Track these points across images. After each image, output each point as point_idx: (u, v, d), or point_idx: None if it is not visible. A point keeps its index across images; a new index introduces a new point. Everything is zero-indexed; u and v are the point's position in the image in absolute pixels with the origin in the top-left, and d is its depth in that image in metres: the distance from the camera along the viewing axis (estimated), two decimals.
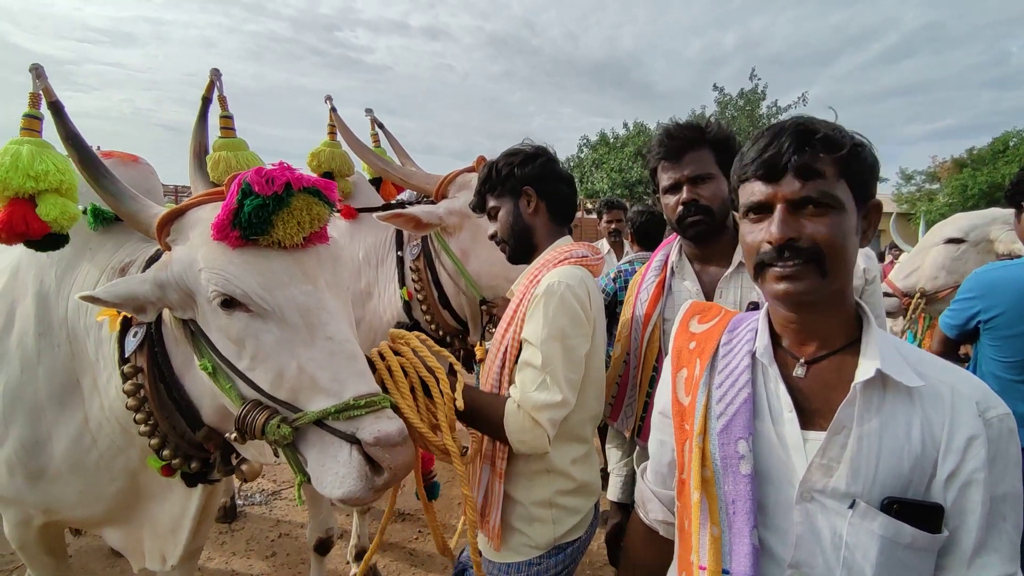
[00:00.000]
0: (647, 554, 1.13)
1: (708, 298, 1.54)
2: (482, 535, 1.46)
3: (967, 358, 2.24)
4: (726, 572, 0.83)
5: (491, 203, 1.54)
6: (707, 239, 1.54)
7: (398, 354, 1.35)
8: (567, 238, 1.53)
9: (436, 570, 2.99)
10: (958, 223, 2.79)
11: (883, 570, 0.78)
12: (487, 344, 1.86)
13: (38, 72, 1.27)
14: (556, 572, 1.41)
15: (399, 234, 2.27)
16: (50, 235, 1.32)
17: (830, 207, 0.83)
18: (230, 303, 1.12)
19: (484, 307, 2.06)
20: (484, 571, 1.45)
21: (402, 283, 2.21)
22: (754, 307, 1.45)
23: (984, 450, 0.77)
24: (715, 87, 22.88)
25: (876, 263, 1.81)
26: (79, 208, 1.37)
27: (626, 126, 24.79)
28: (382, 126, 2.67)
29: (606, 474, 3.76)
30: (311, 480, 1.10)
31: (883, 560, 0.78)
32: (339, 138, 2.35)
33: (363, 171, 2.61)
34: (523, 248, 1.52)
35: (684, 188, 1.51)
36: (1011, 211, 2.32)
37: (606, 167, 21.80)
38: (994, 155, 20.80)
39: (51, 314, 1.46)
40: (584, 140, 25.67)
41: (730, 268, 1.52)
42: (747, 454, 0.83)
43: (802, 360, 0.89)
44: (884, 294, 2.68)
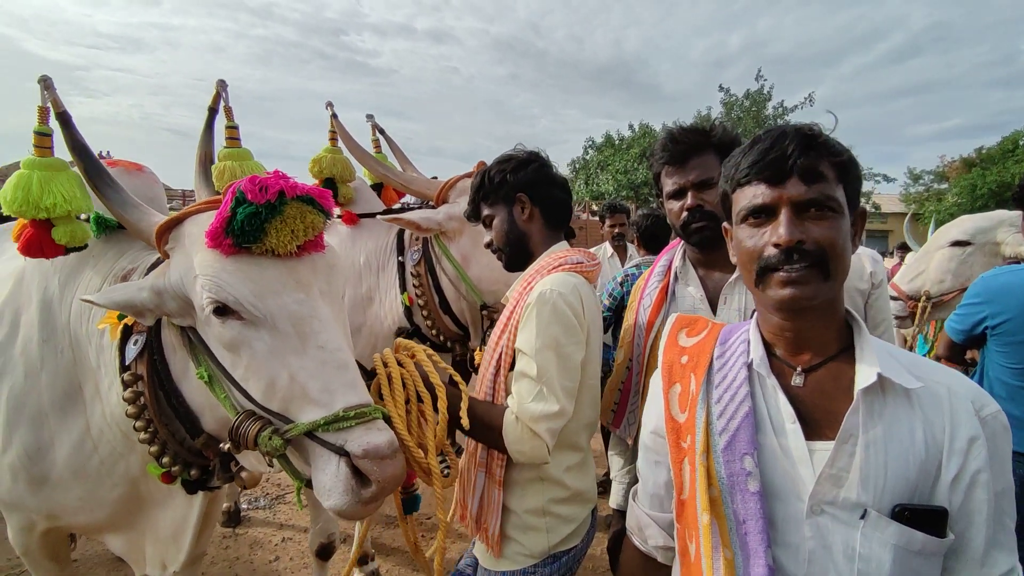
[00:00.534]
0: None
1: (713, 304, 1.53)
2: (481, 543, 1.45)
3: (974, 363, 2.21)
4: None
5: (485, 211, 1.53)
6: (712, 245, 1.53)
7: (401, 364, 1.34)
8: (563, 244, 1.51)
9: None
10: (964, 225, 2.76)
11: None
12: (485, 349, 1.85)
13: (46, 84, 1.28)
14: None
15: (400, 239, 2.27)
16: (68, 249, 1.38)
17: (832, 210, 0.83)
18: (223, 310, 1.12)
19: (485, 312, 2.05)
20: None
21: (403, 288, 2.20)
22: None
23: (984, 450, 0.78)
24: (721, 88, 22.81)
25: (883, 267, 1.79)
26: (82, 217, 1.40)
27: (631, 128, 24.77)
28: (383, 131, 2.68)
29: (609, 481, 3.74)
30: (311, 484, 1.10)
31: (897, 569, 0.76)
32: (340, 144, 2.36)
33: (364, 176, 2.62)
34: (519, 255, 1.52)
35: (688, 193, 1.49)
36: (1018, 213, 2.30)
37: (611, 169, 21.77)
38: (1003, 154, 20.66)
39: (54, 320, 1.47)
40: (589, 142, 25.66)
41: (735, 274, 1.50)
42: (754, 470, 0.81)
43: (799, 369, 0.88)
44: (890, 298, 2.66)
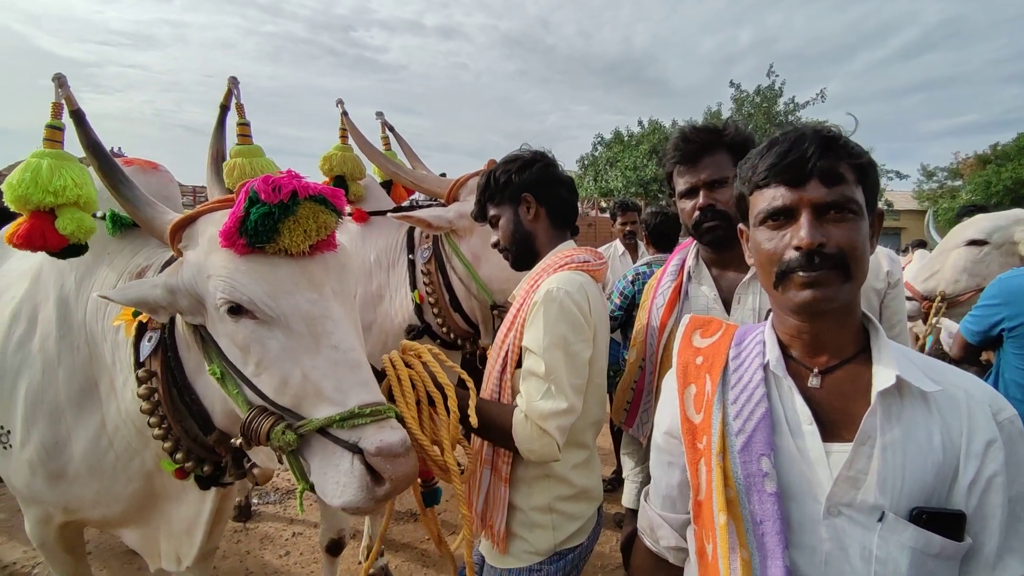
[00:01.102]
0: None
1: (726, 303, 1.52)
2: (487, 541, 1.45)
3: (989, 364, 2.19)
4: None
5: (492, 211, 1.54)
6: (724, 244, 1.52)
7: (409, 366, 1.34)
8: (569, 242, 1.51)
9: (447, 571, 2.99)
10: (980, 224, 2.72)
11: None
12: None
13: (60, 81, 1.29)
14: None
15: (410, 237, 2.27)
16: (69, 246, 1.35)
17: (852, 212, 0.83)
18: (237, 310, 1.13)
19: (495, 311, 2.05)
20: None
21: (413, 286, 2.21)
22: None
23: (1001, 453, 0.77)
24: (731, 84, 22.60)
25: (899, 266, 1.77)
26: (98, 215, 1.40)
27: (641, 124, 24.62)
28: (392, 129, 2.68)
29: (616, 479, 3.74)
30: (314, 488, 1.10)
31: (914, 572, 0.76)
32: (350, 141, 2.36)
33: (374, 174, 2.62)
34: (525, 255, 1.52)
35: (701, 192, 1.48)
36: None
37: (621, 165, 21.67)
38: (1019, 151, 20.36)
39: (71, 317, 1.49)
40: (599, 138, 25.54)
41: (749, 273, 1.49)
42: (771, 471, 0.81)
43: (816, 370, 0.87)
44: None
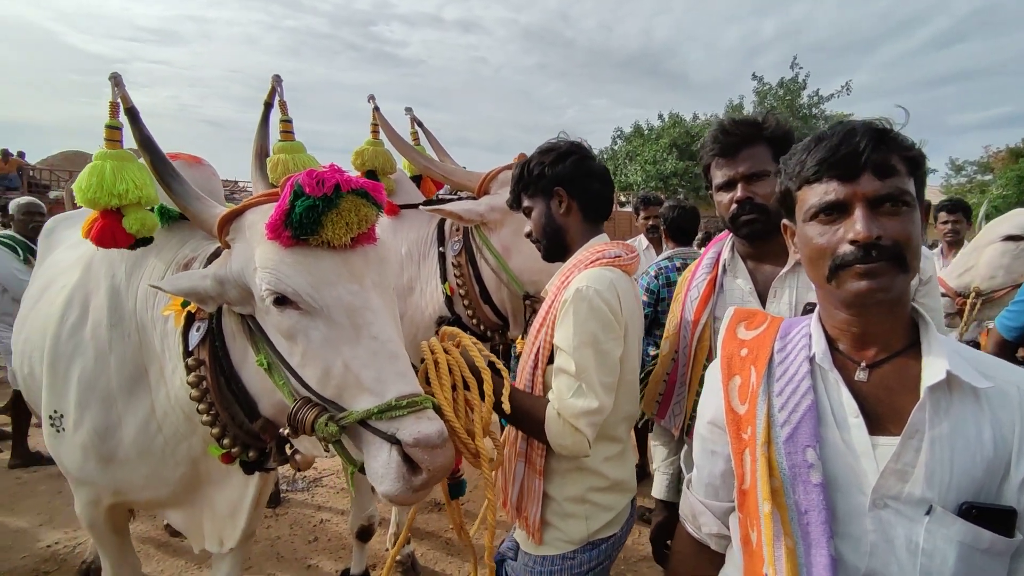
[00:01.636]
0: (697, 569, 1.10)
1: (762, 297, 1.52)
2: (521, 530, 1.48)
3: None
4: None
5: (525, 202, 1.55)
6: (761, 237, 1.52)
7: (446, 351, 1.37)
8: (602, 236, 1.52)
9: (471, 560, 3.03)
10: (1016, 219, 2.67)
11: None
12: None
13: (116, 80, 1.33)
14: (590, 567, 1.43)
15: (440, 230, 2.30)
16: (137, 240, 1.44)
17: (906, 204, 0.83)
18: (282, 300, 1.16)
19: (527, 302, 2.07)
20: (521, 563, 1.48)
21: (444, 278, 2.24)
22: (811, 307, 1.42)
23: None
24: (754, 76, 22.40)
25: (932, 262, 1.75)
26: (154, 215, 1.46)
27: (661, 117, 24.45)
28: (421, 124, 2.70)
29: (646, 471, 3.74)
30: (363, 469, 1.13)
31: (961, 567, 0.77)
32: (382, 136, 2.39)
33: (403, 168, 2.66)
34: (557, 248, 1.53)
35: (739, 185, 1.48)
36: None
37: (640, 159, 21.52)
38: None
39: (122, 306, 1.54)
40: (618, 132, 25.41)
41: (786, 267, 1.49)
42: (816, 462, 0.82)
43: (863, 364, 0.88)
44: None
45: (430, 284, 2.29)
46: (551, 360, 1.39)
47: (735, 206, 1.48)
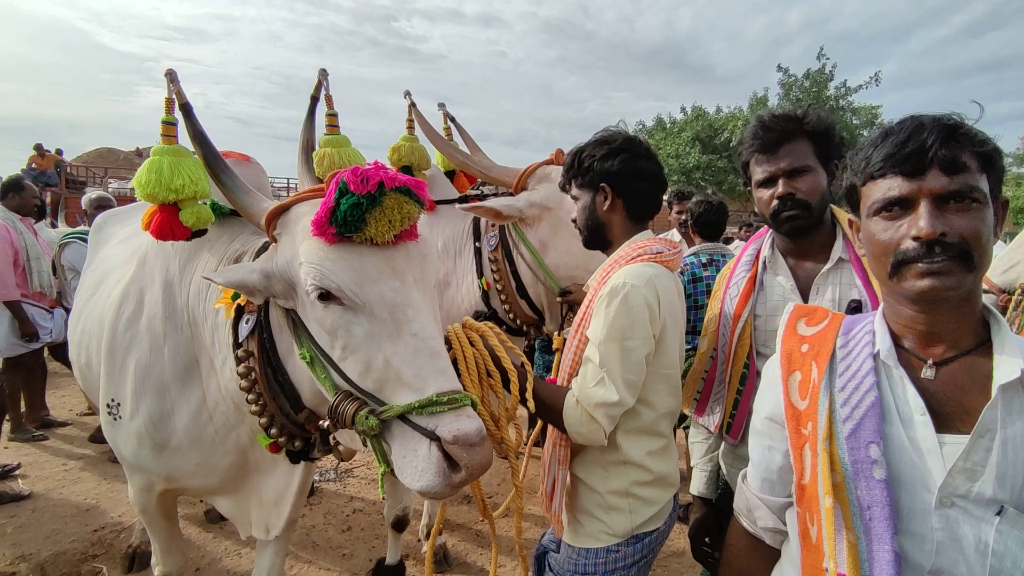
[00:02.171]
0: (752, 563, 1.11)
1: (803, 294, 1.51)
2: (564, 517, 1.50)
3: None
4: None
5: (573, 190, 1.56)
6: (803, 233, 1.50)
7: (471, 343, 1.39)
8: (646, 232, 1.51)
9: (501, 551, 3.07)
10: None
11: None
12: (565, 334, 1.89)
13: (172, 77, 1.37)
14: (634, 560, 1.44)
15: (476, 225, 2.31)
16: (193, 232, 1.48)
17: (976, 201, 0.82)
18: (326, 296, 1.18)
19: (561, 298, 2.08)
20: (564, 555, 1.49)
21: (480, 273, 2.26)
22: (855, 305, 1.41)
23: None
24: (779, 68, 21.86)
25: None
26: (209, 208, 1.50)
27: (683, 110, 24.12)
28: (454, 119, 2.71)
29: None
30: (394, 471, 1.15)
31: None
32: (417, 132, 2.42)
33: (437, 163, 2.67)
34: (597, 240, 1.54)
35: (780, 181, 1.46)
36: None
37: (663, 153, 21.28)
38: None
39: (175, 299, 1.59)
40: (640, 125, 25.14)
41: (828, 264, 1.47)
42: (880, 458, 0.82)
43: (930, 362, 0.87)
44: None
45: (466, 279, 2.31)
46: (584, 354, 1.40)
47: (776, 202, 1.47)
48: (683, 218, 3.96)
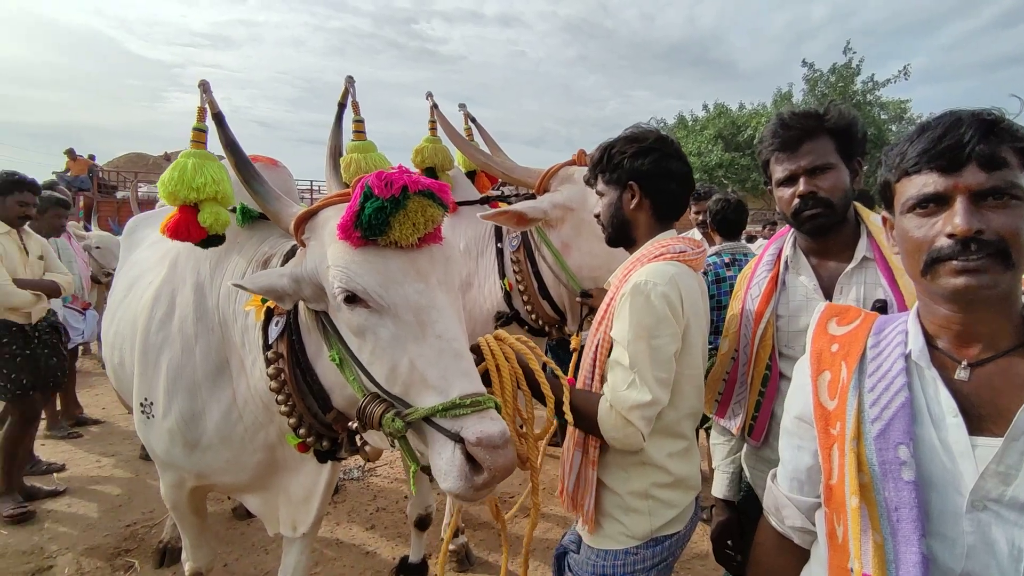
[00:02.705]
0: (780, 562, 1.10)
1: (827, 294, 1.48)
2: (582, 523, 1.49)
3: None
4: None
5: (599, 186, 1.55)
6: (825, 232, 1.48)
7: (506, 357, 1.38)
8: (669, 232, 1.50)
9: (519, 552, 3.07)
10: None
11: None
12: (583, 335, 1.89)
13: (204, 88, 1.41)
14: (653, 563, 1.43)
15: (498, 226, 2.32)
16: (209, 237, 1.51)
17: (1015, 198, 0.80)
18: (353, 298, 1.20)
19: (581, 299, 2.08)
20: (583, 556, 1.49)
21: (502, 274, 2.27)
22: (880, 305, 1.39)
23: None
24: (804, 63, 21.49)
25: None
26: (230, 209, 1.53)
27: (705, 108, 23.88)
28: (475, 120, 2.73)
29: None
30: (424, 470, 1.17)
31: None
32: (439, 133, 2.44)
33: (458, 164, 2.69)
34: (621, 238, 1.53)
35: (801, 180, 1.44)
36: None
37: (684, 151, 21.09)
38: None
39: (206, 301, 1.63)
40: (661, 123, 24.95)
41: (852, 263, 1.45)
42: (909, 460, 0.81)
43: (964, 363, 0.85)
44: None
45: (488, 279, 2.33)
46: (610, 354, 1.39)
47: (798, 200, 1.45)
48: (701, 218, 3.93)
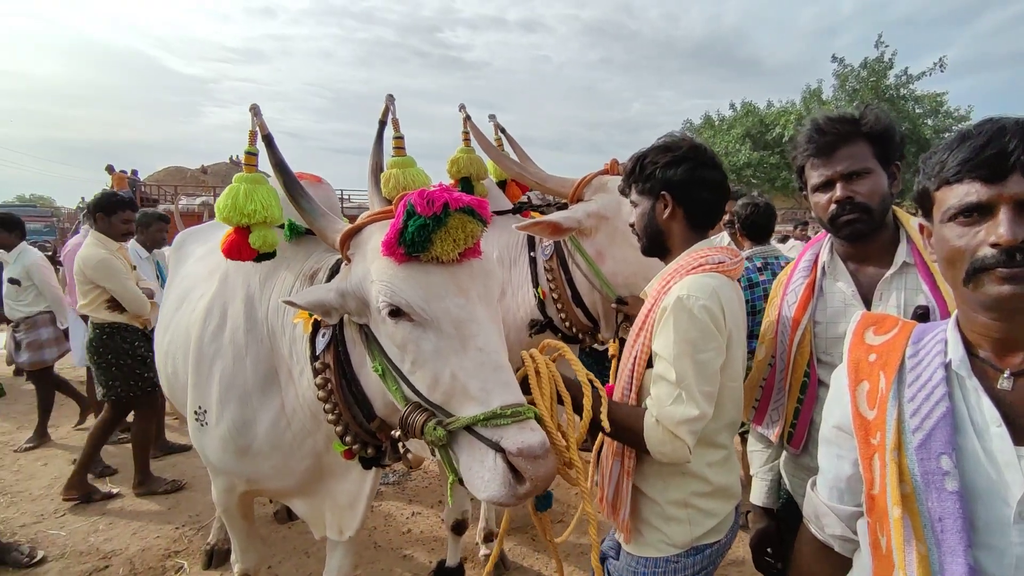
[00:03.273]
0: (821, 570, 1.10)
1: (866, 300, 1.48)
2: (617, 530, 1.51)
3: None
4: None
5: (632, 195, 1.55)
6: (864, 238, 1.47)
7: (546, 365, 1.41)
8: (706, 241, 1.50)
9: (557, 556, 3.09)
10: None
11: None
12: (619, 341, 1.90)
13: (255, 111, 1.49)
14: (694, 571, 1.43)
15: (531, 235, 2.35)
16: (260, 254, 1.60)
17: None
18: (396, 312, 1.24)
19: (616, 306, 2.09)
20: (623, 563, 1.50)
21: (535, 282, 2.30)
22: (922, 312, 1.37)
23: None
24: (833, 58, 21.00)
25: None
26: (278, 229, 1.61)
27: (732, 107, 23.56)
28: (504, 130, 2.77)
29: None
30: (462, 481, 1.19)
31: None
32: (473, 143, 2.48)
33: (489, 174, 2.73)
34: (656, 248, 1.54)
35: (837, 185, 1.44)
36: None
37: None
38: None
39: (256, 313, 1.70)
40: (687, 124, 24.70)
41: (892, 268, 1.44)
42: (952, 470, 0.81)
43: (1007, 372, 0.85)
44: None
45: (522, 289, 2.36)
46: (649, 364, 1.40)
47: (834, 206, 1.44)
48: (728, 218, 3.89)
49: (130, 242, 4.26)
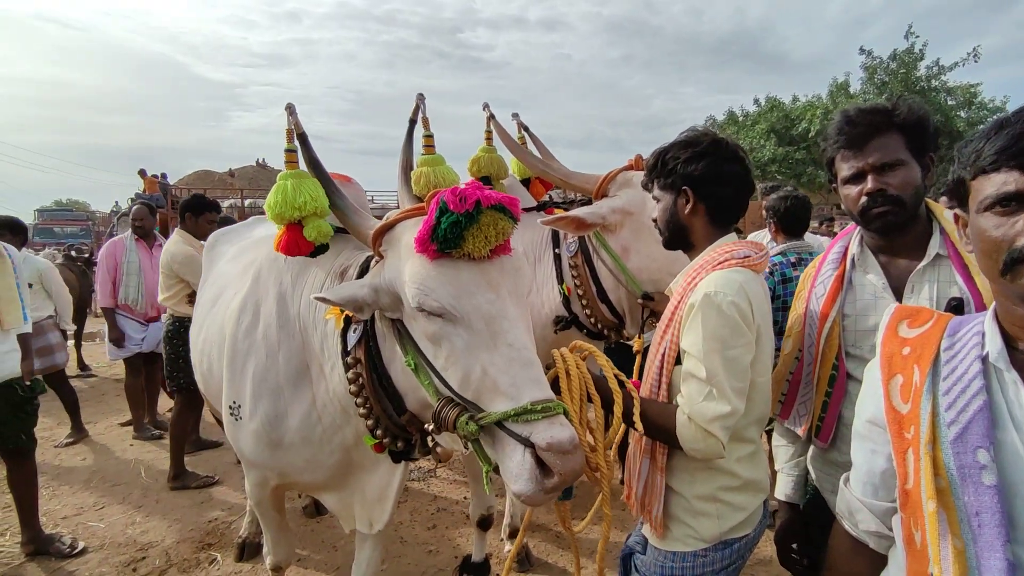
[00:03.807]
0: (855, 567, 1.09)
1: (897, 293, 1.45)
2: (648, 525, 1.51)
3: None
4: None
5: (654, 191, 1.55)
6: (895, 230, 1.45)
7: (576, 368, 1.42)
8: (730, 236, 1.49)
9: (582, 552, 3.09)
10: None
11: None
12: (645, 336, 1.90)
13: (291, 110, 1.53)
14: (723, 566, 1.43)
15: (555, 232, 2.37)
16: (316, 247, 1.62)
17: None
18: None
19: (642, 301, 2.09)
20: (651, 558, 1.50)
21: (560, 279, 2.31)
22: (955, 303, 1.35)
23: None
24: (861, 50, 20.42)
25: None
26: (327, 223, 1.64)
27: (756, 102, 23.15)
28: (527, 128, 2.79)
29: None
30: (498, 471, 1.21)
31: None
32: (495, 143, 2.50)
33: (514, 172, 2.75)
34: (678, 243, 1.54)
35: (869, 177, 1.42)
36: None
37: None
38: None
39: (288, 310, 1.74)
40: (710, 119, 24.36)
41: (925, 260, 1.42)
42: (989, 464, 0.79)
43: None
44: None
45: (547, 285, 2.37)
46: (678, 360, 1.40)
47: (865, 198, 1.42)
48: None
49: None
